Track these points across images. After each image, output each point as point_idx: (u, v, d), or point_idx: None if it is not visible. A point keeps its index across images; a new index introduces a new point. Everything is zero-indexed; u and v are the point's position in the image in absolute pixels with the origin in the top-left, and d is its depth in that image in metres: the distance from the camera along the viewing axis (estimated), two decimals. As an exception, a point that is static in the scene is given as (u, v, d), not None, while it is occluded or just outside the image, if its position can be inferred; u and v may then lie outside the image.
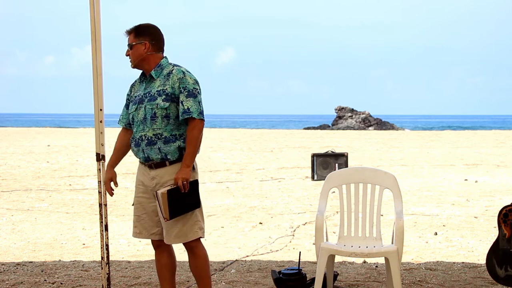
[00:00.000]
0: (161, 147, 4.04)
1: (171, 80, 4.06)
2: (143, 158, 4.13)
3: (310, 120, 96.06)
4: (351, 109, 50.54)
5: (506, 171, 14.76)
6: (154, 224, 4.17)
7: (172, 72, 4.09)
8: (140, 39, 4.11)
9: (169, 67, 4.14)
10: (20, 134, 34.58)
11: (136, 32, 4.12)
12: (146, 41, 4.12)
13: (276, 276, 5.05)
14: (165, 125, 4.05)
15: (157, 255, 4.28)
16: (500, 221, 4.71)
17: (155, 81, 4.11)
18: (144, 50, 4.11)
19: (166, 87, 4.05)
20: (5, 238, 7.50)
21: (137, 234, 4.23)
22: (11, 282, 5.33)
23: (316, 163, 13.13)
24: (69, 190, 11.59)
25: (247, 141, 28.29)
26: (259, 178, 13.68)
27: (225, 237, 7.50)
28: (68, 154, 19.89)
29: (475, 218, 8.59)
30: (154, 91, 4.08)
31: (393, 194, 4.79)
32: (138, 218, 4.21)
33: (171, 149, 4.05)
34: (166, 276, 4.28)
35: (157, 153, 4.05)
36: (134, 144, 4.16)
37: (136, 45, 4.10)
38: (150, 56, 4.13)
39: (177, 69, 4.10)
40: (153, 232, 4.18)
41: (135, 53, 4.11)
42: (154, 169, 4.10)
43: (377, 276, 5.48)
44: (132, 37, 4.12)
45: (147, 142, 4.07)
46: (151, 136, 4.05)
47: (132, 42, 4.11)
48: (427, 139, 29.78)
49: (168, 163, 4.07)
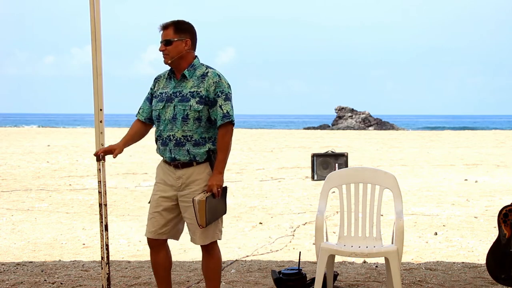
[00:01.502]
0: (190, 149, 4.01)
1: (207, 82, 4.01)
2: (169, 158, 4.07)
3: (310, 120, 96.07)
4: (351, 109, 50.55)
5: (506, 171, 14.77)
6: (164, 223, 4.13)
7: (207, 75, 4.04)
8: (181, 35, 4.04)
9: (202, 68, 4.09)
10: (20, 134, 34.58)
11: (176, 28, 4.04)
12: (188, 38, 4.07)
13: (276, 276, 5.05)
14: (196, 127, 4.01)
15: (154, 254, 4.24)
16: (500, 221, 4.71)
17: (188, 81, 4.05)
18: (184, 47, 4.05)
19: (201, 89, 4.01)
20: (5, 238, 7.50)
21: (147, 233, 4.19)
22: (11, 282, 5.33)
23: (316, 163, 13.14)
24: (69, 190, 11.58)
25: (247, 141, 28.29)
26: (259, 178, 13.68)
27: (225, 237, 7.50)
28: (68, 154, 19.89)
29: (475, 218, 8.59)
30: (186, 92, 4.02)
31: (393, 194, 4.79)
32: (150, 216, 4.17)
33: (200, 152, 4.03)
34: (163, 275, 4.27)
35: (185, 154, 4.02)
36: (161, 143, 4.10)
37: (177, 42, 4.03)
38: (188, 54, 4.08)
39: (212, 71, 4.06)
40: (161, 232, 4.15)
41: (175, 49, 4.03)
42: (181, 169, 4.06)
43: (377, 276, 5.48)
44: (171, 33, 4.03)
45: (175, 142, 4.02)
46: (180, 137, 4.01)
47: (173, 38, 4.02)
48: (427, 139, 29.78)
49: (196, 163, 4.05)
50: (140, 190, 11.35)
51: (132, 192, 11.14)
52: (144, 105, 4.24)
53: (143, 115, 4.23)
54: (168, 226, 4.14)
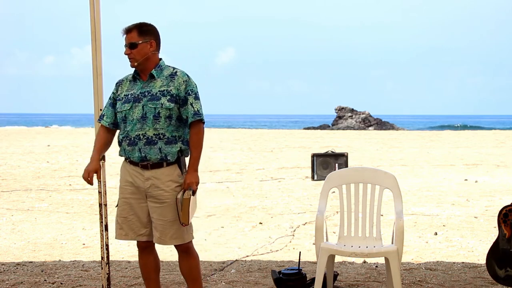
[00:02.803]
0: (162, 148, 4.02)
1: (176, 81, 4.04)
2: (138, 158, 4.05)
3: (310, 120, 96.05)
4: (351, 109, 50.54)
5: (506, 171, 14.76)
6: (142, 225, 4.13)
7: (176, 74, 4.08)
8: (145, 37, 4.07)
9: (169, 68, 4.13)
10: (20, 134, 34.58)
11: (140, 31, 4.06)
12: (152, 39, 4.09)
13: (276, 276, 5.05)
14: (167, 125, 4.02)
15: (143, 257, 4.24)
16: (500, 221, 4.71)
17: (156, 81, 4.08)
18: (150, 49, 4.08)
19: (171, 88, 4.03)
20: (5, 238, 7.50)
21: (123, 236, 4.16)
22: (11, 282, 5.33)
23: (316, 163, 13.14)
24: (69, 190, 11.59)
25: (247, 141, 28.28)
26: (259, 178, 13.68)
27: (225, 237, 7.50)
28: (68, 154, 19.89)
29: (475, 218, 8.59)
30: (155, 91, 4.04)
31: (393, 194, 4.79)
32: (125, 220, 4.14)
33: (172, 151, 4.03)
34: (153, 277, 4.27)
35: (157, 153, 4.02)
36: (128, 143, 4.07)
37: (142, 44, 4.05)
38: (153, 56, 4.11)
39: (181, 71, 4.11)
40: (140, 234, 4.14)
41: (140, 52, 4.05)
42: (150, 170, 4.05)
43: (377, 276, 5.48)
44: (135, 36, 4.05)
45: (146, 141, 4.02)
46: (152, 136, 4.02)
47: (138, 41, 4.05)
48: (427, 139, 29.77)
49: (166, 164, 4.05)
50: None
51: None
52: (107, 110, 4.22)
53: (107, 121, 4.20)
54: (148, 228, 4.14)
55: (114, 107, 4.21)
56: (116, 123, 4.20)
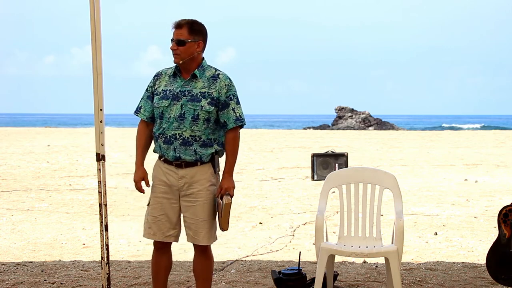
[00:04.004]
0: (197, 150, 4.00)
1: (218, 85, 4.00)
2: (172, 157, 4.02)
3: (310, 120, 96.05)
4: (351, 109, 50.54)
5: (506, 171, 14.76)
6: (171, 226, 4.10)
7: (218, 77, 4.03)
8: (195, 37, 4.01)
9: (211, 70, 4.08)
10: (20, 134, 34.57)
11: (191, 29, 4.00)
12: (201, 40, 4.04)
13: (276, 276, 5.05)
14: (205, 128, 4.00)
15: (157, 256, 4.22)
16: (500, 221, 4.71)
17: (197, 81, 4.02)
18: (197, 49, 4.03)
19: (212, 90, 4.00)
20: (5, 238, 7.50)
21: (151, 236, 4.12)
22: (11, 282, 5.33)
23: (316, 163, 13.13)
24: (69, 190, 11.58)
25: (247, 141, 28.28)
26: (259, 178, 13.68)
27: (225, 237, 7.50)
28: (68, 154, 19.89)
29: (475, 218, 8.59)
30: (196, 92, 3.99)
31: (393, 194, 4.79)
32: (155, 219, 4.10)
33: (207, 153, 4.02)
34: (163, 277, 4.26)
35: (191, 154, 4.00)
36: (164, 141, 4.04)
37: (190, 43, 3.99)
38: (199, 56, 4.07)
39: (223, 74, 4.06)
40: (168, 234, 4.11)
41: (187, 50, 3.99)
42: (184, 168, 4.03)
43: (377, 276, 5.48)
44: (186, 33, 3.98)
45: (182, 141, 3.99)
46: (188, 137, 3.99)
47: (187, 39, 3.98)
48: (427, 139, 29.77)
49: (200, 163, 4.03)
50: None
51: (132, 192, 11.12)
52: (146, 104, 4.14)
53: (145, 114, 4.14)
54: (176, 229, 4.13)
55: (152, 100, 4.13)
56: (153, 117, 4.14)
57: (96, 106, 4.63)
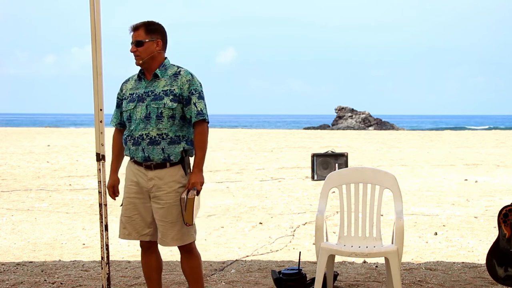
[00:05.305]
0: (165, 148, 4.00)
1: (180, 81, 4.02)
2: (141, 158, 4.05)
3: (310, 120, 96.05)
4: (351, 109, 50.55)
5: (506, 171, 14.77)
6: (145, 225, 4.13)
7: (180, 73, 4.06)
8: (152, 36, 4.05)
9: (174, 67, 4.11)
10: (20, 134, 34.57)
11: (147, 29, 4.05)
12: (159, 38, 4.08)
13: (276, 276, 5.05)
14: (170, 125, 4.01)
15: (146, 257, 4.23)
16: (500, 221, 4.71)
17: (160, 81, 4.06)
18: (156, 48, 4.06)
19: (174, 87, 4.01)
20: (5, 238, 7.50)
21: (126, 236, 4.16)
22: (11, 282, 5.33)
23: (316, 163, 13.14)
24: (69, 190, 11.59)
25: (247, 141, 28.29)
26: (259, 178, 13.68)
27: (225, 237, 7.50)
28: (68, 154, 19.89)
29: (475, 218, 8.59)
30: (159, 91, 4.03)
31: (393, 194, 4.79)
32: (129, 219, 4.14)
33: (175, 151, 4.02)
34: (155, 278, 4.26)
35: (159, 153, 4.01)
36: (132, 143, 4.07)
37: (148, 42, 4.04)
38: (159, 55, 4.10)
39: (184, 70, 4.08)
40: (144, 233, 4.14)
41: (146, 50, 4.04)
42: (153, 170, 4.04)
43: (377, 276, 5.48)
44: (143, 34, 4.04)
45: (149, 141, 4.01)
46: (155, 136, 4.00)
47: (145, 39, 4.03)
48: (427, 139, 29.78)
49: (169, 165, 4.04)
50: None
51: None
52: (116, 112, 4.25)
53: (115, 121, 4.25)
54: (151, 228, 4.14)
55: (120, 107, 4.22)
56: (123, 122, 4.21)
57: (96, 106, 4.63)
